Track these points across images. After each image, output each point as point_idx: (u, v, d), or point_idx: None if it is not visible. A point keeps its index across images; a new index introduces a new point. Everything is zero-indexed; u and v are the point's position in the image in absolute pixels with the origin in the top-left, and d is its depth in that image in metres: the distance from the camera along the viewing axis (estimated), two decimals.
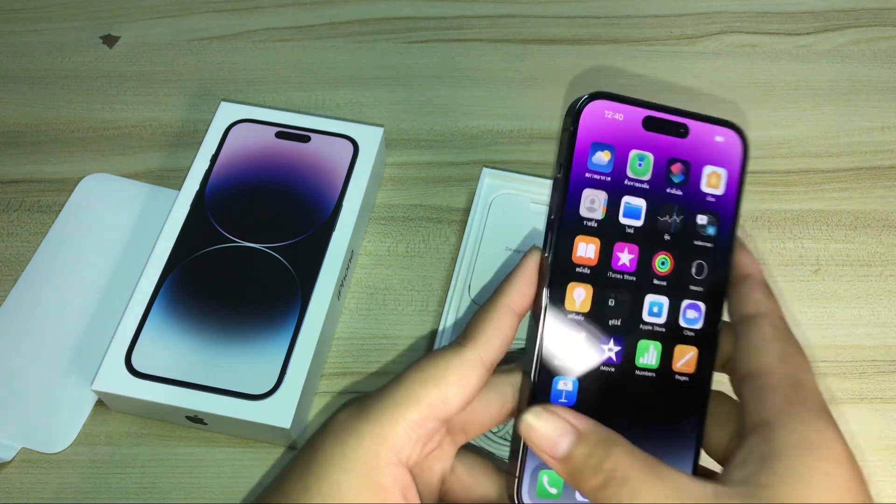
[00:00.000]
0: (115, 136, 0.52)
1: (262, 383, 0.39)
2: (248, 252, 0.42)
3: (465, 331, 0.29)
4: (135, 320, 0.40)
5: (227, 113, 0.48)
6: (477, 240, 0.45)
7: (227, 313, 0.41)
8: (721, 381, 0.30)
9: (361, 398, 0.29)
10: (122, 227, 0.47)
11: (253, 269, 0.42)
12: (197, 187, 0.45)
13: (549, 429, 0.26)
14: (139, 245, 0.46)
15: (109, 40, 0.57)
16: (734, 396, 0.29)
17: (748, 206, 0.49)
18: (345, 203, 0.44)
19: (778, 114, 0.53)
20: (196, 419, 0.39)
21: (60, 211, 0.48)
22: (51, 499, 0.39)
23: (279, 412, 0.38)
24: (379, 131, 0.47)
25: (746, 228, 0.48)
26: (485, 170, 0.47)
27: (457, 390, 0.28)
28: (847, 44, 0.57)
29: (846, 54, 0.56)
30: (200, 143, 0.51)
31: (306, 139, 0.47)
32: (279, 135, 0.47)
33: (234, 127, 0.47)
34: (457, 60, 0.55)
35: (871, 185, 0.50)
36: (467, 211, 0.49)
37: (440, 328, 0.42)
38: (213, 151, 0.46)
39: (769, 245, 0.48)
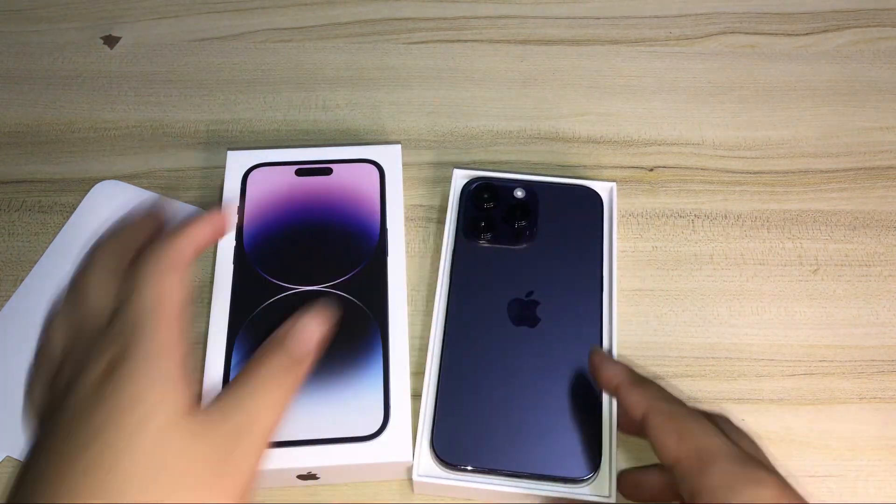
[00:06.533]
0: (115, 136, 0.52)
1: (371, 422, 0.38)
2: (309, 296, 0.41)
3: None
4: (216, 389, 0.38)
5: (238, 161, 0.46)
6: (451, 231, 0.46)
7: None
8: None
9: None
10: None
11: None
12: (234, 243, 0.43)
13: None
14: None
15: (110, 41, 0.57)
16: None
17: (748, 206, 0.49)
18: (389, 226, 0.44)
19: (777, 114, 0.53)
20: (309, 476, 0.38)
21: (67, 214, 0.48)
22: None
23: (398, 446, 0.38)
24: (397, 149, 0.47)
25: (746, 228, 0.48)
26: (456, 171, 0.47)
27: None
28: (846, 44, 0.57)
29: (845, 55, 0.56)
30: (201, 144, 0.51)
31: (328, 171, 0.46)
32: (300, 172, 0.46)
33: (251, 174, 0.46)
34: (457, 61, 0.56)
35: (871, 185, 0.50)
36: None
37: (431, 335, 0.42)
38: (237, 203, 0.45)
39: (768, 245, 0.48)
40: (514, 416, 0.39)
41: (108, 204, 0.48)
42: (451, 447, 0.38)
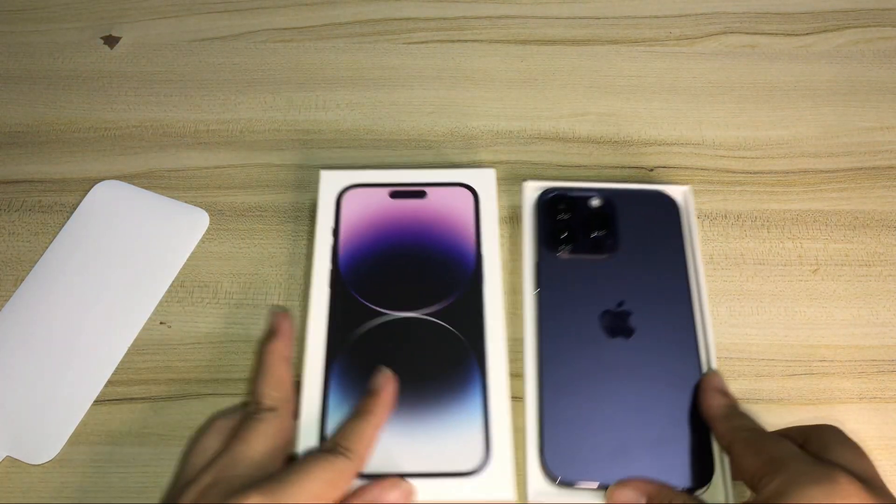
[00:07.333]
0: (116, 136, 0.52)
1: (471, 457, 0.37)
2: (406, 323, 0.41)
3: (346, 440, 0.36)
4: (314, 415, 0.38)
5: (331, 181, 0.46)
6: (531, 244, 0.45)
7: (406, 391, 0.39)
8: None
9: (268, 485, 0.33)
10: (131, 239, 0.47)
11: (416, 340, 0.40)
12: (329, 265, 0.42)
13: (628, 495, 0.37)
14: (147, 258, 0.46)
15: (110, 41, 0.57)
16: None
17: (748, 206, 0.49)
18: (484, 252, 0.43)
19: (777, 114, 0.53)
20: None
21: (67, 214, 0.48)
22: (52, 498, 0.39)
23: (500, 484, 0.37)
24: (491, 173, 0.46)
25: (746, 228, 0.48)
26: (526, 183, 0.47)
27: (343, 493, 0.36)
28: (846, 44, 0.57)
29: (845, 55, 0.56)
30: (201, 144, 0.51)
31: (422, 195, 0.45)
32: (394, 195, 0.45)
33: (345, 195, 0.45)
34: (457, 61, 0.56)
35: (870, 185, 0.50)
36: None
37: (525, 352, 0.41)
38: (331, 224, 0.44)
39: (768, 245, 0.48)
40: (621, 430, 0.38)
41: (108, 204, 0.48)
42: (563, 465, 0.37)
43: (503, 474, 0.37)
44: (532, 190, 0.47)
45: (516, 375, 0.42)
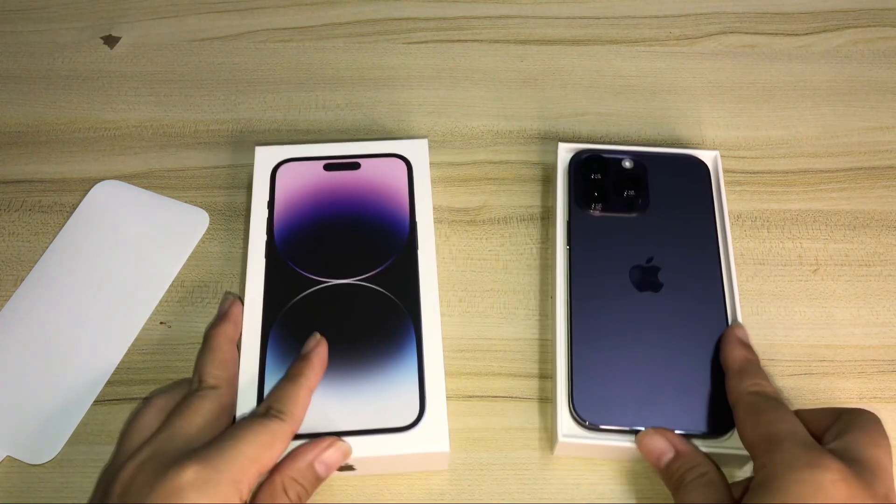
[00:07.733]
0: (116, 136, 0.52)
1: (407, 413, 0.38)
2: (341, 289, 0.42)
3: (279, 403, 0.36)
4: (252, 383, 0.39)
5: (266, 157, 0.46)
6: (563, 202, 0.46)
7: (343, 353, 0.40)
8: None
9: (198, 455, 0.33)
10: (131, 239, 0.47)
11: (352, 305, 0.41)
12: (265, 237, 0.43)
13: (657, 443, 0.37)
14: (147, 258, 0.46)
15: (110, 41, 0.57)
16: None
17: (747, 206, 0.49)
18: (418, 219, 0.44)
19: (777, 114, 0.53)
20: (345, 467, 0.38)
21: (67, 214, 0.48)
22: (52, 498, 0.39)
23: (435, 436, 0.38)
24: (424, 143, 0.47)
25: (746, 228, 0.48)
26: (561, 144, 0.47)
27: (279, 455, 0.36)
28: (846, 44, 0.57)
29: (845, 55, 0.56)
30: (201, 144, 0.51)
31: (356, 166, 0.46)
32: (328, 167, 0.46)
33: (280, 169, 0.46)
34: (457, 61, 0.56)
35: (870, 185, 0.50)
36: (466, 210, 0.49)
37: (556, 302, 0.42)
38: (266, 198, 0.45)
39: (768, 245, 0.48)
40: (648, 377, 0.40)
41: (108, 204, 0.48)
42: (591, 409, 0.39)
43: (438, 427, 0.38)
44: (566, 151, 0.47)
45: (546, 377, 0.42)
